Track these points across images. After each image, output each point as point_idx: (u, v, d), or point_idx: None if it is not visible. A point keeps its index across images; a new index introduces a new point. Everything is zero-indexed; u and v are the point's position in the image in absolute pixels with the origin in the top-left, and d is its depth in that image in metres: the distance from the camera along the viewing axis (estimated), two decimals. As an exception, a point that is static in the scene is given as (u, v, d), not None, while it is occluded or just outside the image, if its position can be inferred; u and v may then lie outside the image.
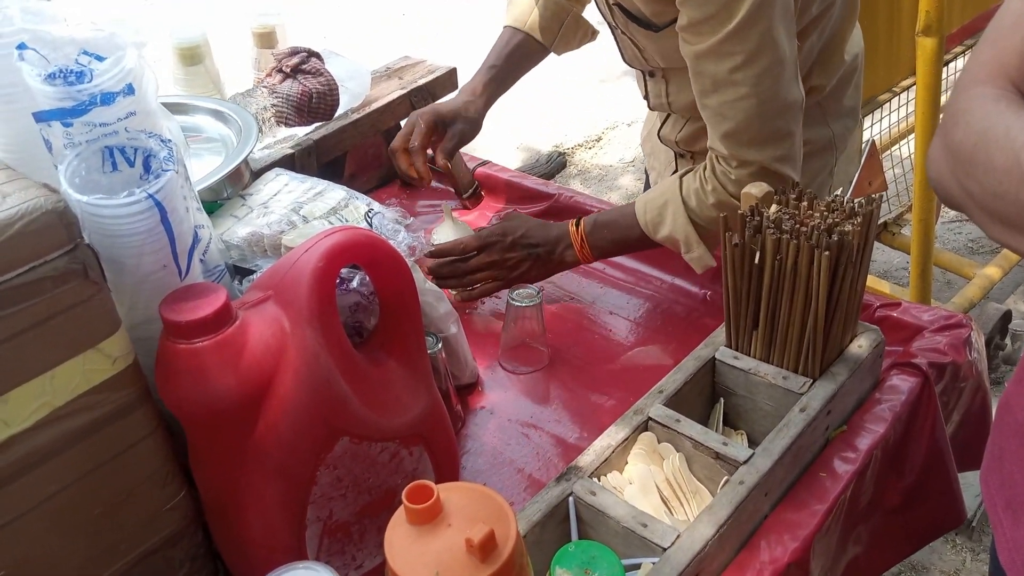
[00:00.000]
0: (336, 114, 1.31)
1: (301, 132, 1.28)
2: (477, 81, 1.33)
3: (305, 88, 1.26)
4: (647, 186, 1.57)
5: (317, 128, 1.29)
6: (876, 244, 2.44)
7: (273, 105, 1.25)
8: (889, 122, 2.22)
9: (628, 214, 1.14)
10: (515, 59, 1.35)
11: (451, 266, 1.17)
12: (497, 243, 1.15)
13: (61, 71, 0.68)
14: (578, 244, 1.15)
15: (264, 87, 1.27)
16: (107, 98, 0.69)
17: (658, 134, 1.32)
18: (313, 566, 0.66)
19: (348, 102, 1.33)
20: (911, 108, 2.13)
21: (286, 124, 1.25)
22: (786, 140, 1.03)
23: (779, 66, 0.99)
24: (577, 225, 1.15)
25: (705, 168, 1.08)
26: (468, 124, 1.29)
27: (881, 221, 2.32)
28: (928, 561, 1.86)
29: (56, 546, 0.69)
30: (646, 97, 1.28)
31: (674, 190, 1.10)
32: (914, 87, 1.87)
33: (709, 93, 1.02)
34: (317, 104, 1.28)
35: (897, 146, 2.34)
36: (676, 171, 1.32)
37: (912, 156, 2.10)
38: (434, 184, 1.55)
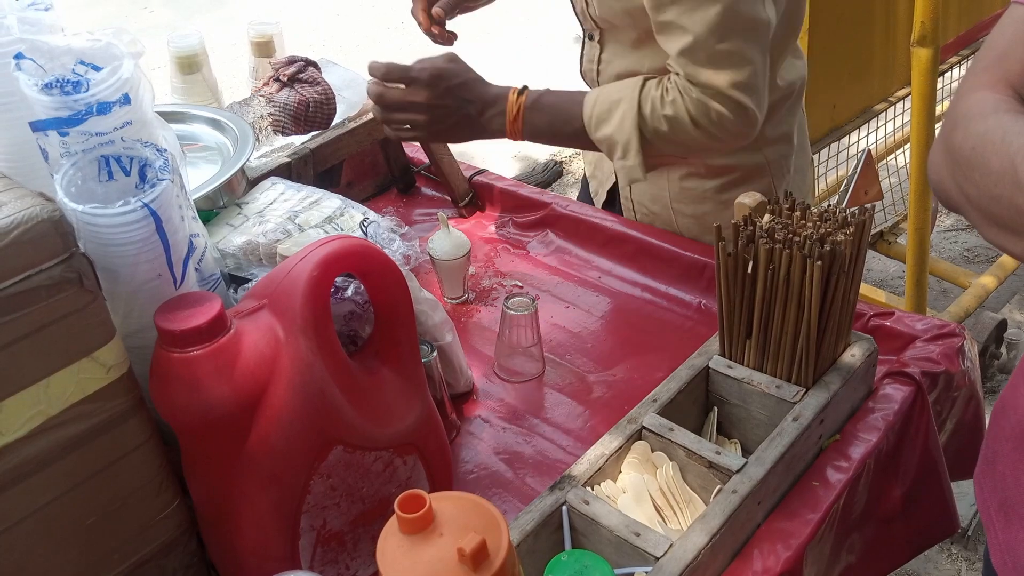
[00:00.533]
0: (333, 123, 1.32)
1: (298, 141, 1.28)
2: None
3: (302, 97, 1.27)
4: (584, 194, 1.51)
5: (314, 137, 1.29)
6: (872, 253, 2.45)
7: (270, 114, 1.25)
8: (885, 132, 2.24)
9: (575, 102, 1.06)
10: None
11: (379, 88, 1.07)
12: (428, 85, 1.04)
13: (58, 81, 0.69)
14: (512, 115, 1.05)
15: (261, 96, 1.28)
16: (103, 108, 0.69)
17: None
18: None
19: (345, 111, 1.33)
20: (907, 118, 2.14)
21: (283, 133, 1.26)
22: (745, 66, 0.99)
23: None
24: (520, 95, 1.06)
25: (669, 78, 1.03)
26: None
27: (877, 230, 2.33)
28: (923, 570, 1.86)
29: (49, 555, 0.69)
30: (580, 61, 1.24)
31: (633, 91, 1.03)
32: (909, 97, 1.88)
33: (666, 6, 0.97)
34: (314, 113, 1.28)
35: (893, 155, 2.36)
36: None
37: (908, 165, 2.10)
38: (430, 192, 1.56)
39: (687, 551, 0.77)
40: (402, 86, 1.07)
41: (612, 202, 1.41)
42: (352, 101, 1.33)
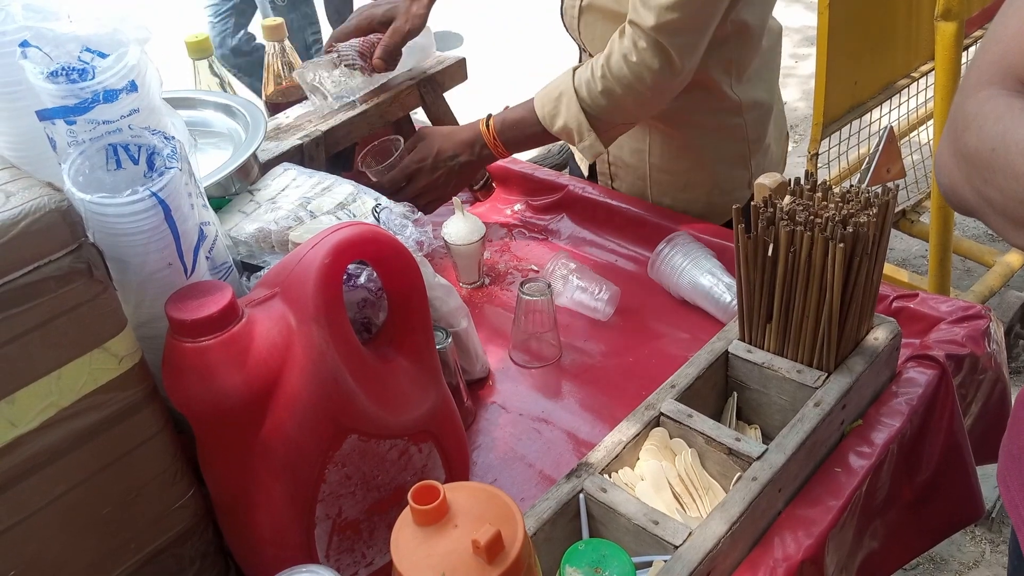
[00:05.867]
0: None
1: (310, 127, 1.27)
2: None
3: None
4: (575, 167, 1.57)
5: (324, 119, 1.28)
6: (894, 232, 2.41)
7: (340, 56, 1.28)
8: (907, 108, 2.19)
9: (529, 110, 1.19)
10: None
11: (398, 193, 1.23)
12: (421, 169, 1.23)
13: (64, 69, 0.68)
14: (492, 143, 1.21)
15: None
16: (110, 95, 0.68)
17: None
18: (317, 570, 0.65)
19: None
20: (930, 94, 2.10)
21: (353, 67, 1.28)
22: (677, 10, 1.05)
23: None
24: (487, 125, 1.21)
25: (599, 57, 1.13)
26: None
27: (899, 208, 2.29)
28: (947, 553, 1.84)
29: (65, 545, 0.69)
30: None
31: (567, 82, 1.15)
32: (933, 72, 1.84)
33: None
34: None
35: (916, 132, 2.31)
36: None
37: (931, 142, 2.06)
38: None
39: (706, 539, 0.76)
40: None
41: (595, 165, 1.44)
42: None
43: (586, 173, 1.48)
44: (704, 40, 1.09)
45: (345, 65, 1.27)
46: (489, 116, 1.23)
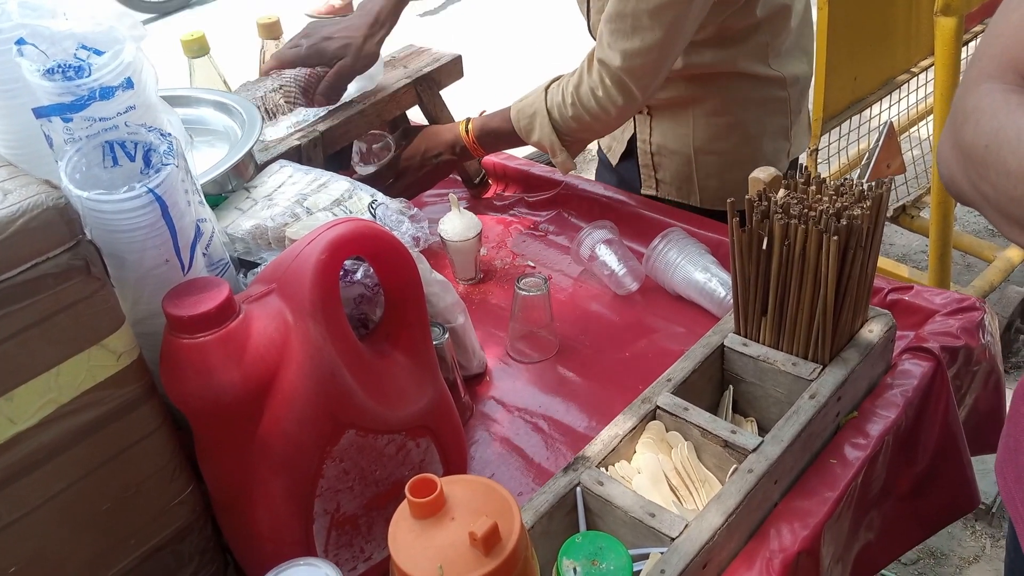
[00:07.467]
0: (347, 98, 1.31)
1: (311, 117, 1.27)
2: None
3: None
4: (601, 167, 1.59)
5: (323, 119, 1.28)
6: (895, 227, 2.41)
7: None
8: (907, 103, 2.19)
9: (508, 120, 1.26)
10: None
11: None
12: (410, 166, 1.34)
13: (60, 66, 0.68)
14: (472, 147, 1.30)
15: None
16: (106, 92, 0.69)
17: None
18: (315, 562, 0.66)
19: (361, 86, 1.34)
20: (930, 89, 2.10)
21: (293, 105, 1.25)
22: (639, 43, 1.10)
23: None
24: (467, 131, 1.30)
25: (570, 83, 1.18)
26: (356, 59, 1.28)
27: (899, 204, 2.29)
28: (947, 547, 1.85)
29: (64, 542, 0.69)
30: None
31: (541, 101, 1.22)
32: (933, 68, 1.84)
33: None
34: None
35: (916, 127, 2.31)
36: (634, 133, 1.40)
37: (931, 138, 2.06)
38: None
39: (703, 531, 0.76)
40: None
41: (630, 152, 1.43)
42: (370, 74, 1.32)
43: (615, 162, 1.48)
44: (666, 72, 1.15)
45: (285, 101, 1.24)
46: (468, 120, 1.30)
